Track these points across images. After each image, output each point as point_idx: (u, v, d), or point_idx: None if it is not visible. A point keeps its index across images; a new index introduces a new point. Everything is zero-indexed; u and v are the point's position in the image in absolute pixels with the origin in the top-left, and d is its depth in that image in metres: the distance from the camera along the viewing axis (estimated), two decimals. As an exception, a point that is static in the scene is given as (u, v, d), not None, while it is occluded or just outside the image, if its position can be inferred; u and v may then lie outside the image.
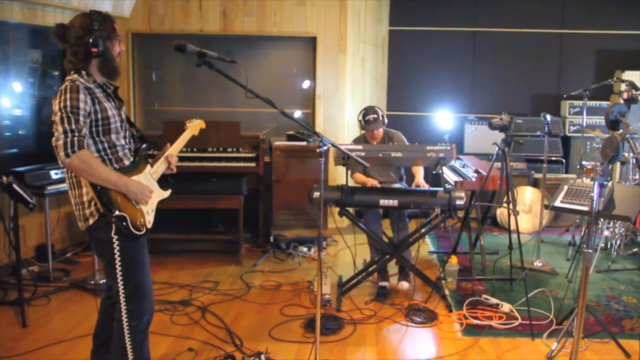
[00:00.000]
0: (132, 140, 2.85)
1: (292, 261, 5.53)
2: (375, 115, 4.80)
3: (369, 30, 7.18)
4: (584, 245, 2.65)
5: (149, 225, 2.76)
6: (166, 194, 2.94)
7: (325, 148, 2.90)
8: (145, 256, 2.84)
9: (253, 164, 5.50)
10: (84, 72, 2.62)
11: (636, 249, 5.74)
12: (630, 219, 3.48)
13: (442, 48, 7.65)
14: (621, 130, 2.69)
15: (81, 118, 2.49)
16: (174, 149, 3.00)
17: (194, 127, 3.29)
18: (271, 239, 5.74)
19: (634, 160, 4.89)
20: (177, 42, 2.60)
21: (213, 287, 4.77)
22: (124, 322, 2.74)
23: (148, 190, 2.72)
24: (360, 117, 4.90)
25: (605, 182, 2.64)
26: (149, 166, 2.85)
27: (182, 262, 5.40)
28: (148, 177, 2.80)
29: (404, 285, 4.70)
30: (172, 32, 6.31)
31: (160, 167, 2.91)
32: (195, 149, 5.42)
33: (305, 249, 5.69)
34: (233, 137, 5.57)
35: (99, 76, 2.68)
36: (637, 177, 5.45)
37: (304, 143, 5.87)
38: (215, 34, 6.38)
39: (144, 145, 2.87)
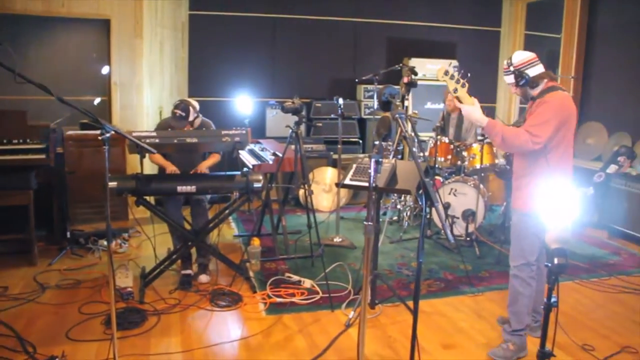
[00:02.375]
0: None
1: (92, 256, 5.24)
2: (182, 113, 4.57)
3: (167, 13, 6.99)
4: (366, 219, 2.84)
5: None
6: None
7: (108, 135, 2.78)
8: None
9: (42, 156, 5.08)
10: None
11: (423, 219, 6.31)
12: (410, 192, 3.82)
13: (243, 33, 7.70)
14: (392, 111, 2.92)
15: None
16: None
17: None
18: (68, 234, 5.39)
19: (403, 139, 5.35)
20: None
21: (1, 293, 4.35)
22: None
23: None
24: (173, 107, 4.68)
25: (379, 159, 2.84)
26: None
27: (-38, 269, 4.86)
28: None
29: (204, 278, 4.68)
30: None
31: None
32: (-28, 142, 4.89)
33: (105, 243, 5.43)
34: (19, 127, 5.09)
35: None
36: (422, 154, 5.97)
37: (98, 132, 5.56)
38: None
39: None
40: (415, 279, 2.73)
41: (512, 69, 3.43)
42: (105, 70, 6.36)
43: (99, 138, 2.78)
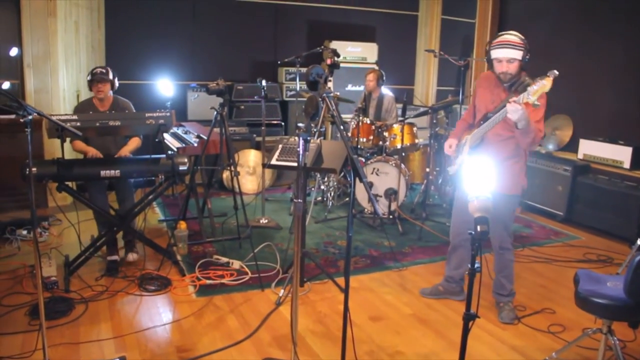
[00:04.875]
0: None
1: (10, 247, 5.03)
2: (103, 70, 4.54)
3: (81, -9, 6.73)
4: (296, 197, 2.91)
5: None
6: None
7: (30, 118, 2.69)
8: None
9: (-49, 143, 4.85)
10: None
11: (347, 199, 6.47)
12: (335, 171, 3.91)
13: (161, 14, 7.54)
14: (319, 90, 2.99)
15: None
16: None
17: None
18: (-18, 224, 5.16)
19: (331, 118, 5.44)
20: None
21: None
22: None
23: None
24: (89, 76, 4.59)
25: (307, 138, 2.91)
26: None
27: None
28: None
29: (132, 257, 4.65)
30: None
31: None
32: None
33: (24, 232, 5.22)
34: None
35: None
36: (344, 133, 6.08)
37: (13, 116, 5.35)
38: None
39: None
40: (346, 252, 2.83)
41: (526, 45, 3.43)
42: (13, 52, 6.05)
43: (21, 121, 2.67)
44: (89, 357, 3.27)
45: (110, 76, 4.62)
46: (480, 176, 2.39)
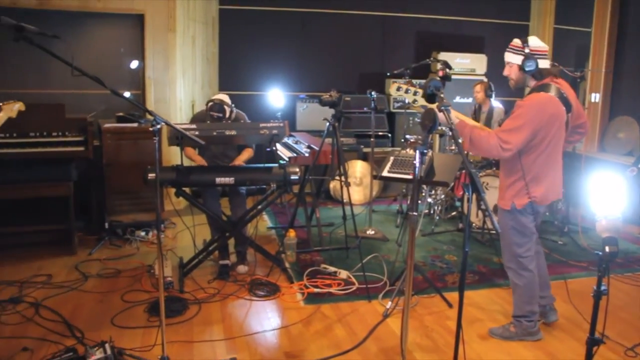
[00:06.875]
0: None
1: (130, 247, 5.37)
2: (220, 114, 4.64)
3: (198, 8, 7.07)
4: (410, 210, 2.90)
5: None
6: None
7: (158, 127, 2.85)
8: None
9: (81, 148, 5.21)
10: None
11: (455, 213, 6.36)
12: (448, 184, 3.88)
13: (272, 28, 7.76)
14: (437, 103, 2.96)
15: None
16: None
17: (10, 108, 3.07)
18: (106, 225, 5.51)
19: (449, 131, 5.37)
20: (-10, 15, 2.40)
21: (46, 281, 4.48)
22: None
23: None
24: (207, 109, 4.72)
25: (425, 151, 2.89)
26: None
27: (7, 258, 4.99)
28: None
29: (242, 269, 4.76)
30: (-21, 4, 5.73)
31: None
32: (15, 134, 5.00)
33: (142, 233, 5.55)
34: (57, 120, 5.21)
35: None
36: (453, 147, 5.98)
37: (135, 125, 5.69)
38: (30, 8, 5.87)
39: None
40: (461, 268, 2.77)
41: (526, 50, 3.31)
42: (134, 64, 6.45)
43: (150, 129, 2.83)
44: (202, 356, 3.40)
45: (227, 114, 4.70)
46: (609, 194, 2.28)
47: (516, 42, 3.38)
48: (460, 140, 2.97)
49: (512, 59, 3.39)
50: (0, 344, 3.49)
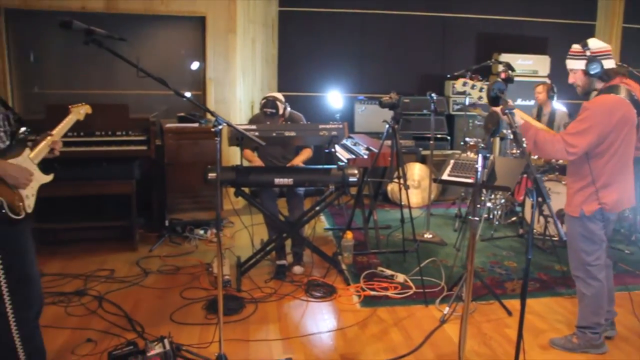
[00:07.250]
0: (7, 123, 2.69)
1: (188, 244, 5.48)
2: (273, 110, 4.64)
3: (258, 10, 7.15)
4: (470, 214, 2.84)
5: (29, 210, 2.65)
6: (48, 178, 2.83)
7: (220, 127, 2.89)
8: (29, 243, 2.72)
9: (144, 147, 5.34)
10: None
11: (515, 218, 6.21)
12: (510, 189, 3.78)
13: (331, 29, 7.77)
14: (501, 106, 2.89)
15: None
16: (57, 134, 2.89)
17: (78, 111, 3.19)
18: (166, 223, 5.64)
19: (512, 135, 5.25)
20: (62, 19, 2.48)
21: (109, 275, 4.63)
22: (9, 315, 2.60)
23: (28, 174, 2.63)
24: (261, 106, 4.78)
25: (487, 155, 2.83)
26: (27, 150, 2.73)
27: (73, 252, 5.19)
28: (27, 161, 2.69)
29: (298, 269, 4.76)
30: (52, 8, 5.95)
31: (42, 152, 2.79)
32: (82, 133, 5.17)
33: (201, 232, 5.64)
34: (121, 120, 5.37)
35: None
36: (514, 151, 5.84)
37: (196, 125, 5.80)
38: (98, 12, 6.09)
39: (23, 129, 2.74)
40: (524, 275, 2.70)
41: (588, 53, 3.19)
42: (194, 66, 6.57)
43: (212, 130, 2.88)
44: (258, 355, 3.43)
45: (280, 111, 4.70)
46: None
47: (575, 47, 3.27)
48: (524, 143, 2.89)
49: (575, 65, 3.28)
50: (66, 334, 3.63)
